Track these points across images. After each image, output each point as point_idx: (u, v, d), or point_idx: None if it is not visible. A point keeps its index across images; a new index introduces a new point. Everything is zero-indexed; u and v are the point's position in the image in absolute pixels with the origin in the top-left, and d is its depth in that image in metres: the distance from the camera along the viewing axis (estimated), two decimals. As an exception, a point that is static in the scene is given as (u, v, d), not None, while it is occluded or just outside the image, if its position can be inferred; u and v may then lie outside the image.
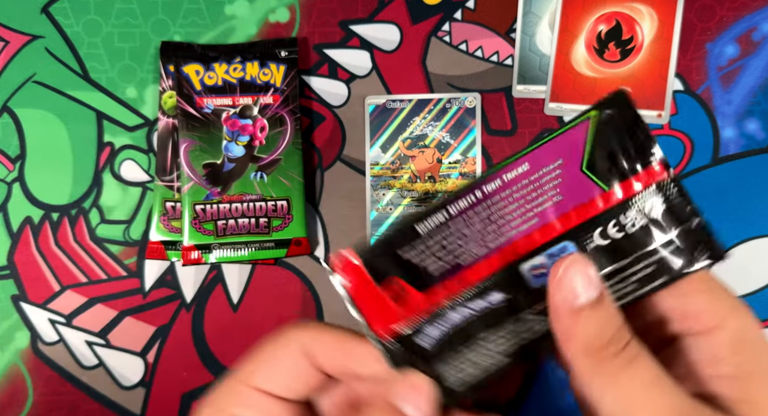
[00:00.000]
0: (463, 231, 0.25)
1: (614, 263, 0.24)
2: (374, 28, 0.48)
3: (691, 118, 0.47)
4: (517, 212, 0.24)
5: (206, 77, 0.47)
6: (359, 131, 0.48)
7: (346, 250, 0.25)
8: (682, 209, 0.24)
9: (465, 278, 0.25)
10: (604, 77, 0.47)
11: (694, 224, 0.24)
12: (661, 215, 0.24)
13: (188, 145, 0.46)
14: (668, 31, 0.47)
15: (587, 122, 0.25)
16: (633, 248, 0.24)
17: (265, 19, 0.48)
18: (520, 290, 0.24)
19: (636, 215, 0.24)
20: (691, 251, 0.24)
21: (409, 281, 0.25)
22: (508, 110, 0.48)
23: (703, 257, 0.24)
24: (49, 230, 0.47)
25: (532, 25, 0.48)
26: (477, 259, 0.25)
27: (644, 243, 0.24)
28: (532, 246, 0.24)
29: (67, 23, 0.48)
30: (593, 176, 0.24)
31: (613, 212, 0.24)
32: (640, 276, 0.24)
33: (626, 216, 0.24)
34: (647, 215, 0.24)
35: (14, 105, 0.47)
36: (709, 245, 0.24)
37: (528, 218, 0.24)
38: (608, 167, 0.24)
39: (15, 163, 0.47)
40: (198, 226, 0.46)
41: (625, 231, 0.24)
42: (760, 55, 0.47)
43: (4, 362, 0.47)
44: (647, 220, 0.24)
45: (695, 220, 0.24)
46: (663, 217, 0.24)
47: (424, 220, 0.25)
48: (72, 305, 0.47)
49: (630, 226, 0.24)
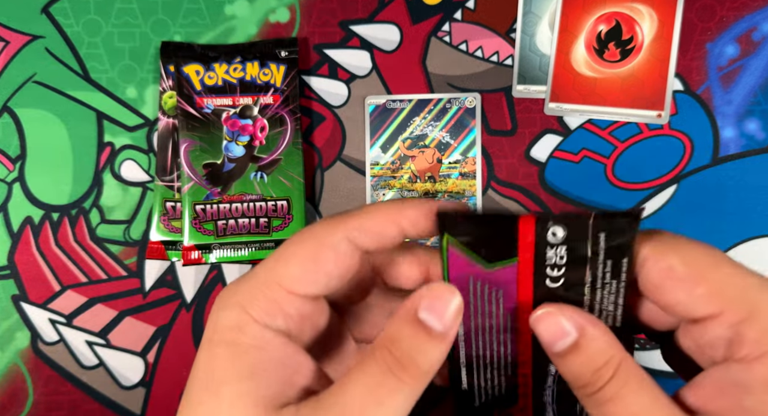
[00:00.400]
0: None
1: (580, 295, 0.26)
2: (374, 28, 0.48)
3: (691, 118, 0.47)
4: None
5: (206, 77, 0.47)
6: (359, 131, 0.48)
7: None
8: (575, 221, 0.25)
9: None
10: (604, 77, 0.47)
11: (591, 221, 0.25)
12: (568, 237, 0.25)
13: (188, 145, 0.46)
14: (668, 31, 0.47)
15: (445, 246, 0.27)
16: (580, 275, 0.26)
17: (265, 19, 0.48)
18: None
19: (553, 253, 0.26)
20: (613, 237, 0.25)
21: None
22: (508, 109, 0.48)
23: (621, 229, 0.25)
24: (50, 230, 0.47)
25: (532, 25, 0.48)
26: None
27: (582, 263, 0.25)
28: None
29: (67, 23, 0.48)
30: (497, 263, 0.26)
31: (537, 264, 0.26)
32: (607, 290, 0.26)
33: (548, 259, 0.26)
34: (558, 243, 0.26)
35: (14, 105, 0.47)
36: (614, 218, 0.25)
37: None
38: (496, 249, 0.26)
39: (15, 163, 0.47)
40: (198, 226, 0.46)
41: (562, 268, 0.26)
42: (760, 55, 0.47)
43: (5, 362, 0.47)
44: (564, 247, 0.25)
45: (590, 219, 0.25)
46: (570, 237, 0.25)
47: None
48: (72, 305, 0.47)
49: (560, 261, 0.26)
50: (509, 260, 0.26)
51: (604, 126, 0.47)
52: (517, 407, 0.30)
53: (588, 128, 0.48)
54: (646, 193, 0.47)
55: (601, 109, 0.47)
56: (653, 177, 0.47)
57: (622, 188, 0.47)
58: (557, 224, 0.25)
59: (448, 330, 0.25)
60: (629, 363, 0.24)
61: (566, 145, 0.47)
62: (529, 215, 0.25)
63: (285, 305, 0.25)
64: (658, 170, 0.47)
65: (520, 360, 0.29)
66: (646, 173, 0.47)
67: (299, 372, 0.25)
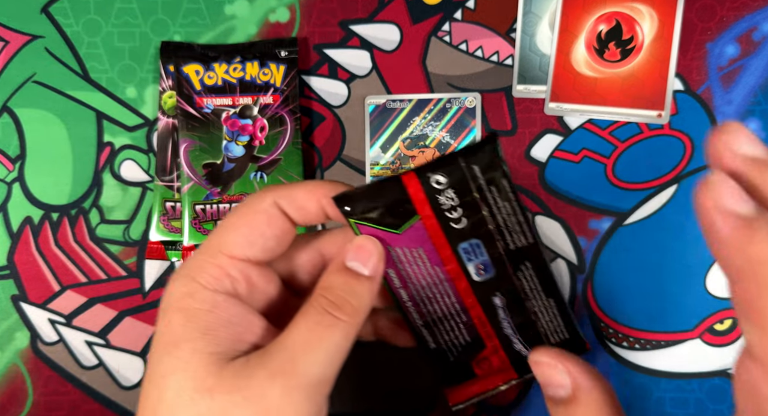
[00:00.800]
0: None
1: (485, 226, 0.29)
2: (374, 28, 0.48)
3: (692, 118, 0.47)
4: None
5: (206, 77, 0.47)
6: (359, 131, 0.48)
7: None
8: (449, 165, 0.27)
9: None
10: (604, 77, 0.47)
11: (461, 160, 0.27)
12: (450, 180, 0.28)
13: (188, 145, 0.46)
14: (668, 31, 0.47)
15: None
16: (476, 209, 0.28)
17: (265, 19, 0.48)
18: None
19: (444, 198, 0.28)
20: (484, 165, 0.27)
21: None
22: (509, 109, 0.48)
23: (488, 156, 0.27)
24: (49, 230, 0.47)
25: (532, 25, 0.48)
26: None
27: (472, 198, 0.28)
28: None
29: (66, 23, 0.48)
30: (404, 225, 0.29)
31: (437, 213, 0.28)
32: (505, 213, 0.28)
33: (443, 205, 0.28)
34: (445, 188, 0.28)
35: (14, 105, 0.47)
36: (478, 149, 0.27)
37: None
38: (396, 214, 0.28)
39: (15, 163, 0.47)
40: (198, 226, 0.46)
41: (458, 208, 0.28)
42: (761, 55, 0.47)
43: (4, 362, 0.47)
44: (452, 189, 0.28)
45: (459, 158, 0.27)
46: (452, 180, 0.28)
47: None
48: (72, 305, 0.47)
49: (454, 202, 0.28)
50: (412, 219, 0.28)
51: (605, 126, 0.47)
52: (487, 350, 0.31)
53: (588, 127, 0.47)
54: (646, 193, 0.47)
55: (601, 109, 0.47)
56: (653, 177, 0.47)
57: (623, 188, 0.47)
58: (436, 173, 0.27)
59: (374, 273, 0.28)
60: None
61: (566, 145, 0.47)
62: (410, 173, 0.27)
63: (230, 270, 0.27)
64: (658, 170, 0.47)
65: (467, 304, 0.30)
66: (646, 173, 0.47)
67: (250, 330, 0.27)
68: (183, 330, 0.26)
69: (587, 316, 0.47)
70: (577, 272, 0.47)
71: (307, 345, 0.25)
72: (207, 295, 0.27)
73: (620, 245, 0.47)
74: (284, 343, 0.26)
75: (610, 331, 0.47)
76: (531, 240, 0.29)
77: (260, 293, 0.29)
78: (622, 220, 0.47)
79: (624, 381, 0.46)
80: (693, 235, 0.47)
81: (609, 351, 0.47)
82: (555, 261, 0.47)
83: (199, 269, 0.27)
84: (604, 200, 0.47)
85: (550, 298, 0.30)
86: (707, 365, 0.46)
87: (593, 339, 0.47)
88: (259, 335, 0.28)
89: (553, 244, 0.47)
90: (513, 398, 0.47)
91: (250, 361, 0.25)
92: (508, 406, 0.47)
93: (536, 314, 0.30)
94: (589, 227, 0.47)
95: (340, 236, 0.31)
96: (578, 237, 0.47)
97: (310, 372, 0.25)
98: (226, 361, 0.25)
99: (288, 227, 0.29)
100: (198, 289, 0.27)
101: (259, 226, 0.28)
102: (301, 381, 0.25)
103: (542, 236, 0.47)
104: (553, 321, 0.30)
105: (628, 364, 0.46)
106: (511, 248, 0.29)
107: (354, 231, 0.28)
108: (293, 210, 0.28)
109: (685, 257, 0.47)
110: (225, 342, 0.26)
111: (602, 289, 0.47)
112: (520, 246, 0.29)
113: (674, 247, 0.47)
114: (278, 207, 0.28)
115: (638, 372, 0.46)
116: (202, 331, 0.26)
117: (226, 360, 0.25)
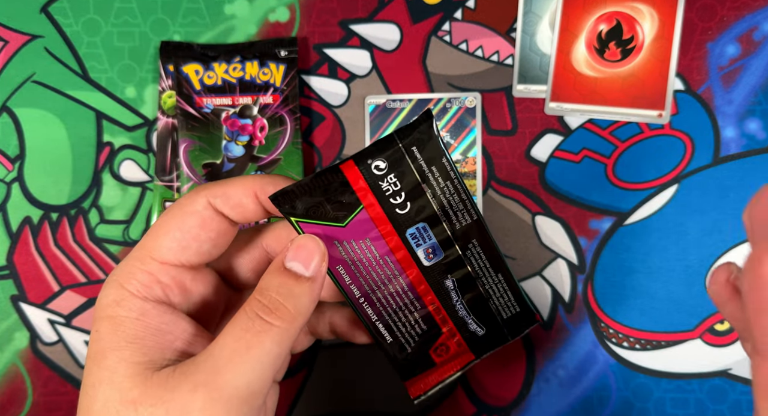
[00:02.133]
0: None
1: (431, 209, 0.28)
2: (374, 28, 0.48)
3: (692, 118, 0.47)
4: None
5: (206, 77, 0.47)
6: (359, 131, 0.48)
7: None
8: (388, 149, 0.27)
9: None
10: (604, 77, 0.47)
11: (399, 143, 0.27)
12: (390, 164, 0.27)
13: (188, 145, 0.46)
14: (669, 30, 0.47)
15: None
16: (419, 192, 0.28)
17: (265, 18, 0.48)
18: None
19: (386, 184, 0.27)
20: (422, 145, 0.27)
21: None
22: (509, 109, 0.48)
23: (425, 135, 0.27)
24: (49, 231, 0.47)
25: (533, 25, 0.48)
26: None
27: (414, 180, 0.27)
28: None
29: (66, 23, 0.48)
30: (348, 218, 0.28)
31: (381, 201, 0.28)
32: (448, 192, 0.28)
33: (386, 191, 0.27)
34: (385, 173, 0.27)
35: (14, 105, 0.47)
36: (414, 129, 0.27)
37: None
38: (338, 206, 0.28)
39: (14, 163, 0.47)
40: (197, 226, 0.46)
41: (401, 192, 0.28)
42: (761, 55, 0.47)
43: (4, 362, 0.47)
44: (392, 174, 0.27)
45: (396, 141, 0.27)
46: (392, 164, 0.27)
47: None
48: (71, 305, 0.47)
49: (396, 187, 0.28)
50: (356, 210, 0.27)
51: (605, 126, 0.47)
52: (444, 336, 0.31)
53: (588, 127, 0.47)
54: (646, 193, 0.47)
55: (601, 108, 0.47)
56: (654, 177, 0.47)
57: (623, 188, 0.47)
58: (376, 158, 0.27)
59: (315, 273, 0.26)
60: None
61: (567, 145, 0.47)
62: (348, 161, 0.27)
63: (160, 276, 0.26)
64: (658, 169, 0.47)
65: (420, 291, 0.30)
66: (646, 172, 0.47)
67: (181, 338, 0.27)
68: (110, 338, 0.25)
69: (587, 316, 0.47)
70: (577, 272, 0.47)
71: (234, 354, 0.24)
72: (135, 303, 0.26)
73: (621, 245, 0.47)
74: (212, 352, 0.25)
75: (611, 331, 0.47)
76: (474, 217, 0.28)
77: (196, 297, 0.28)
78: (623, 220, 0.47)
79: (624, 381, 0.46)
80: (693, 235, 0.47)
81: (609, 351, 0.47)
82: (555, 261, 0.47)
83: (128, 276, 0.26)
84: (605, 200, 0.47)
85: (499, 273, 0.30)
86: (707, 365, 0.46)
87: (593, 339, 0.47)
88: (191, 342, 0.27)
89: (554, 244, 0.47)
90: (513, 398, 0.47)
91: (176, 372, 0.25)
92: (508, 406, 0.47)
93: (488, 291, 0.30)
94: (590, 227, 0.47)
95: (284, 231, 0.30)
96: (579, 237, 0.47)
97: (235, 384, 0.24)
98: (153, 371, 0.25)
99: (225, 228, 0.27)
100: (126, 296, 0.26)
101: (192, 229, 0.27)
102: (223, 394, 0.24)
103: (543, 236, 0.47)
104: (503, 296, 0.30)
105: (628, 364, 0.46)
106: (457, 229, 0.29)
107: (296, 230, 0.27)
108: (229, 209, 0.27)
109: (686, 257, 0.47)
110: (152, 351, 0.25)
111: (602, 289, 0.47)
112: (465, 225, 0.29)
113: (675, 247, 0.47)
114: (212, 207, 0.27)
115: (638, 372, 0.46)
116: (129, 340, 0.25)
117: (152, 370, 0.25)
